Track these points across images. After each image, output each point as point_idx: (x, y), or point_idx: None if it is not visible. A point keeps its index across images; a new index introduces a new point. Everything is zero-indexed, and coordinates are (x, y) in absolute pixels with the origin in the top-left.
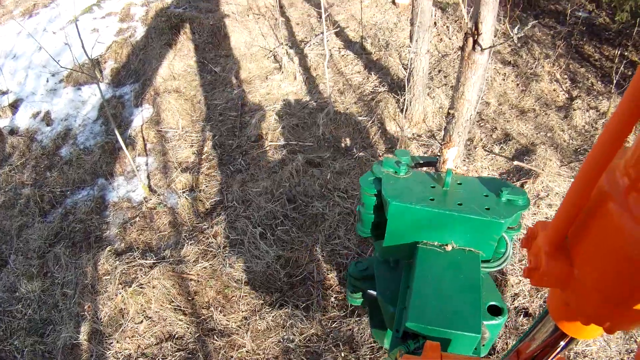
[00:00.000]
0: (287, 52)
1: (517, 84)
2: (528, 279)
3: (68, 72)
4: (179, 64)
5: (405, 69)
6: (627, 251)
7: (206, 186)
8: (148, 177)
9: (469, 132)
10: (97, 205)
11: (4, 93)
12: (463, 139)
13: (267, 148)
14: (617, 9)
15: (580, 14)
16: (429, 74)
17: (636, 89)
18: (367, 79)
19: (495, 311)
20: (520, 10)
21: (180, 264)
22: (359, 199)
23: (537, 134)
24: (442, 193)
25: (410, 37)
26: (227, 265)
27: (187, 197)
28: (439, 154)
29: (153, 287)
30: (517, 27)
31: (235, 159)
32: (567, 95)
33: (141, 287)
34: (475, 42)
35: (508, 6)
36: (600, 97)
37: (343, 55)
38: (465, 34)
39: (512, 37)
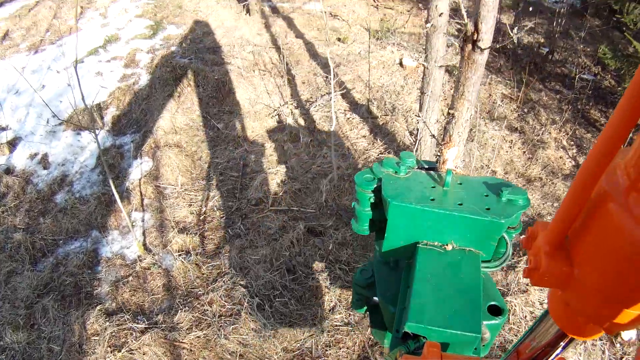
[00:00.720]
0: (291, 112)
1: (524, 152)
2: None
3: (68, 116)
4: (181, 117)
5: (411, 134)
6: (627, 251)
7: (203, 250)
8: (144, 234)
9: None
10: (89, 258)
11: (3, 129)
12: (463, 139)
13: (268, 213)
14: (625, 76)
15: (585, 76)
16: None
17: (635, 90)
18: (373, 144)
19: (496, 311)
20: (526, 73)
21: (173, 331)
22: (354, 196)
23: (543, 204)
24: (442, 193)
25: (420, 106)
26: (222, 336)
27: (183, 260)
28: (438, 154)
29: (143, 354)
30: (516, 28)
31: (235, 222)
32: (573, 163)
33: (131, 353)
34: (474, 42)
35: (512, 70)
36: None
37: (349, 118)
38: (464, 34)
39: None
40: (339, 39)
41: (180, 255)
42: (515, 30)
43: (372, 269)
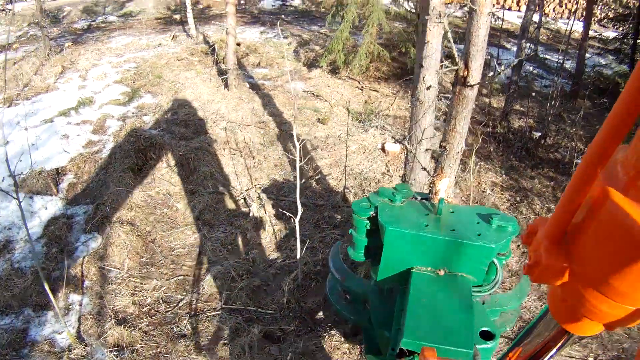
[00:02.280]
0: (259, 197)
1: (518, 245)
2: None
3: (22, 178)
4: (139, 193)
5: None
6: (626, 247)
7: (141, 347)
8: (79, 320)
9: None
10: (17, 339)
11: None
12: (454, 170)
13: (220, 311)
14: None
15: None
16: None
17: (634, 87)
18: (347, 237)
19: (487, 336)
20: (517, 160)
21: None
22: (351, 224)
23: (540, 305)
24: (435, 220)
25: None
26: None
27: (115, 356)
28: (431, 185)
29: None
30: (503, 65)
31: (181, 319)
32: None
33: None
34: (465, 78)
35: (502, 156)
36: None
37: (320, 206)
38: (456, 72)
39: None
40: (318, 120)
41: (114, 350)
42: (502, 67)
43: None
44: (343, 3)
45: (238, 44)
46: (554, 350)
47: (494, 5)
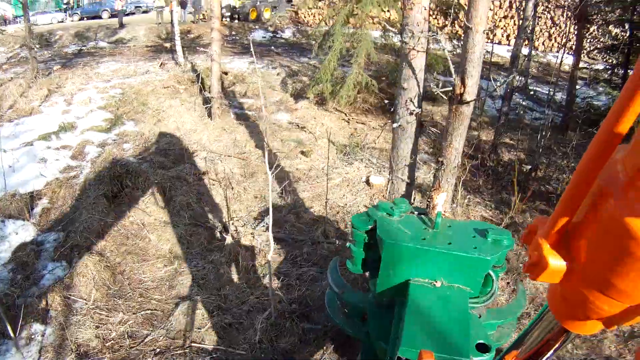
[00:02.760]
0: (236, 230)
1: (508, 282)
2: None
3: None
4: (112, 221)
5: None
6: (626, 246)
7: None
8: (40, 352)
9: None
10: None
11: None
12: (451, 185)
13: (188, 350)
14: None
15: None
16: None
17: (635, 84)
18: (325, 274)
19: (483, 349)
20: (507, 193)
21: None
22: (350, 236)
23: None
24: (433, 234)
25: None
26: None
27: None
28: (428, 200)
29: None
30: (499, 82)
31: (146, 356)
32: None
33: None
34: (461, 95)
35: (492, 190)
36: None
37: (299, 242)
38: (452, 88)
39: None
40: (302, 152)
41: None
42: (498, 83)
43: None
44: (330, 32)
45: (225, 73)
46: (554, 349)
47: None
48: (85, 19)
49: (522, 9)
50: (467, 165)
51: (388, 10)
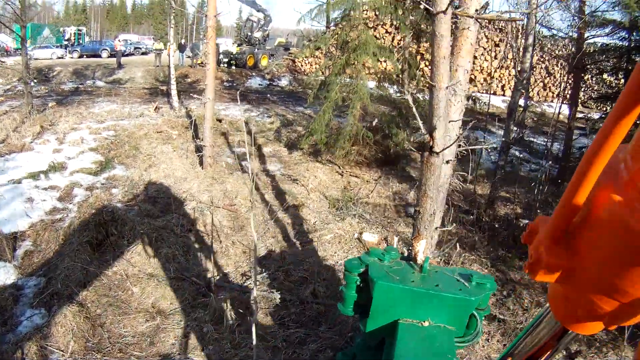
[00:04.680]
0: (222, 287)
1: (504, 344)
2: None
3: None
4: (95, 270)
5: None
6: (628, 245)
7: None
8: None
9: None
10: None
11: None
12: (430, 231)
13: None
14: None
15: None
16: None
17: (635, 85)
18: (314, 335)
19: None
20: (503, 249)
21: None
22: (343, 279)
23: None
24: (421, 277)
25: None
26: None
27: None
28: (410, 248)
29: None
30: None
31: None
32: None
33: None
34: (431, 147)
35: (488, 246)
36: (604, 349)
37: (287, 301)
38: (422, 143)
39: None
40: (294, 206)
41: None
42: (487, 143)
43: (354, 349)
44: (326, 82)
45: (219, 120)
46: (553, 350)
47: (478, 87)
48: (85, 56)
49: (518, 61)
50: (462, 219)
51: (385, 61)
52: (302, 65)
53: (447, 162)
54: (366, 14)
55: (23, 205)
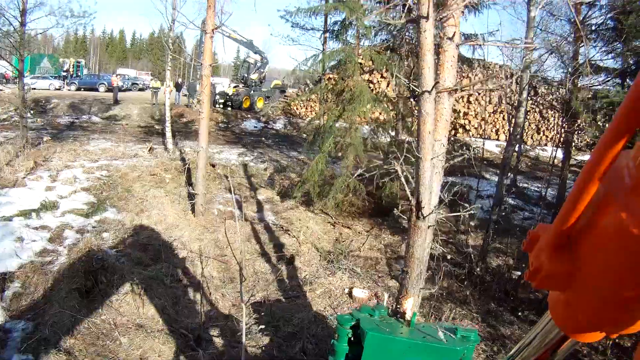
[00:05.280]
0: (211, 341)
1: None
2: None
3: None
4: (84, 319)
5: None
6: (631, 253)
7: None
8: None
9: None
10: None
11: None
12: (417, 291)
13: None
14: None
15: None
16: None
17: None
18: None
19: None
20: (495, 303)
21: None
22: (334, 333)
23: None
24: (409, 330)
25: None
26: None
27: None
28: (398, 306)
29: None
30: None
31: None
32: None
33: None
34: (417, 213)
35: (480, 300)
36: None
37: (276, 359)
38: (410, 208)
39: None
40: (284, 258)
41: None
42: (474, 206)
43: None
44: (320, 131)
45: (213, 165)
46: (552, 358)
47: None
48: (82, 89)
49: (512, 117)
50: (454, 272)
51: (380, 114)
52: (297, 109)
53: (429, 227)
54: (362, 60)
55: (13, 244)
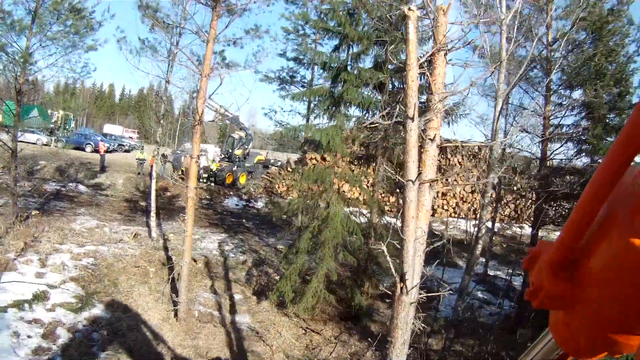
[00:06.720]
0: None
1: None
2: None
3: None
4: None
5: None
6: (635, 274)
7: None
8: None
9: None
10: None
11: None
12: (401, 358)
13: None
14: None
15: None
16: None
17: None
18: None
19: None
20: None
21: None
22: None
23: None
24: None
25: None
26: None
27: None
28: None
29: None
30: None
31: None
32: None
33: None
34: (402, 288)
35: None
36: None
37: None
38: (394, 284)
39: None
40: None
41: None
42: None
43: None
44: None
45: (195, 260)
46: None
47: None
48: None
49: (480, 207)
50: None
51: (360, 194)
52: (278, 188)
53: (411, 303)
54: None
55: (10, 339)
